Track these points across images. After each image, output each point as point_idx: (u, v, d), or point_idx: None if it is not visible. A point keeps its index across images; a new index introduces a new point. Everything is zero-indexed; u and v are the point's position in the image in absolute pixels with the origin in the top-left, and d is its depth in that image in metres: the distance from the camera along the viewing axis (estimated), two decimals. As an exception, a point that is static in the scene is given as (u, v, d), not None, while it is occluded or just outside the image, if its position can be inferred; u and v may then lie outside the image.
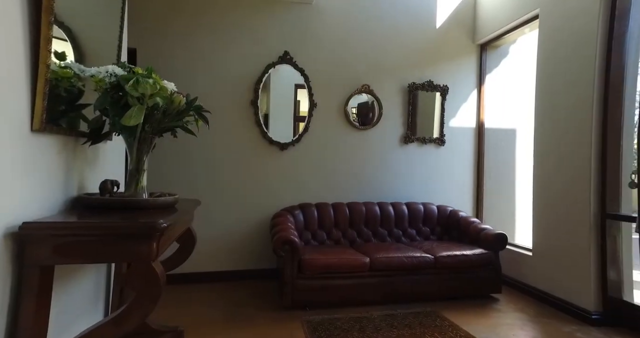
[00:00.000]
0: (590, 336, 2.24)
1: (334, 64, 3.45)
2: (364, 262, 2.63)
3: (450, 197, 3.64)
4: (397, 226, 3.30)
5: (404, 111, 3.57)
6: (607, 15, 2.40)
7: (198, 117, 1.53)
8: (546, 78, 2.84)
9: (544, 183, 2.84)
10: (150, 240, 1.06)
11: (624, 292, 2.38)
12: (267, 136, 3.31)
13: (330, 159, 3.45)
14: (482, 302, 2.78)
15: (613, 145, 2.38)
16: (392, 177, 3.56)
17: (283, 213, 3.04)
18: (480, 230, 2.99)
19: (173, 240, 1.49)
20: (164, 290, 1.08)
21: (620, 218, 2.36)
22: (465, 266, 2.76)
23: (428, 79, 3.57)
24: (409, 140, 3.56)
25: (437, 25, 3.62)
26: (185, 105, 1.47)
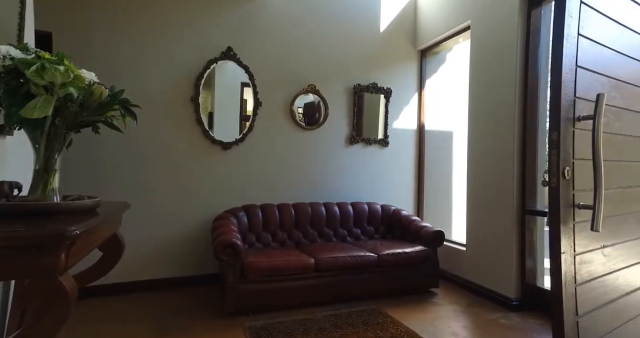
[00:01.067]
0: (511, 321, 2.46)
1: (280, 62, 3.39)
2: (309, 263, 2.62)
3: (393, 197, 3.78)
4: (342, 226, 3.34)
5: (350, 112, 3.63)
6: (524, 29, 2.66)
7: (124, 111, 1.38)
8: (476, 84, 3.07)
9: (476, 183, 3.06)
10: (58, 251, 0.92)
11: (538, 279, 2.66)
12: (209, 135, 3.15)
13: (275, 159, 3.39)
14: (421, 297, 2.92)
15: (531, 147, 2.66)
16: (338, 177, 3.59)
17: (225, 216, 2.91)
18: (421, 228, 3.14)
19: (92, 248, 1.33)
20: (73, 307, 0.94)
21: (536, 214, 2.64)
22: (406, 263, 2.87)
23: (373, 82, 3.67)
24: (354, 140, 3.62)
25: (381, 30, 3.74)
26: (109, 97, 1.32)
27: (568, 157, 1.51)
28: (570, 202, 1.52)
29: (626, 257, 1.85)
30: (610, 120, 1.72)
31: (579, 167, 1.55)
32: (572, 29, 1.50)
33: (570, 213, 1.51)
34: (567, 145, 1.50)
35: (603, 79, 1.68)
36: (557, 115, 1.48)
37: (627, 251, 1.85)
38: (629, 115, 1.84)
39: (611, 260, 1.74)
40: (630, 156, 1.89)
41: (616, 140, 1.79)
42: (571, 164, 1.52)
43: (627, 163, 1.88)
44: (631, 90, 1.85)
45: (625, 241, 1.83)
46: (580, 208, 1.54)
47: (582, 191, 1.56)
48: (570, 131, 1.52)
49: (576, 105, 1.54)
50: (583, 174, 1.56)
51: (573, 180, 1.53)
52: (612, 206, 1.75)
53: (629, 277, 1.86)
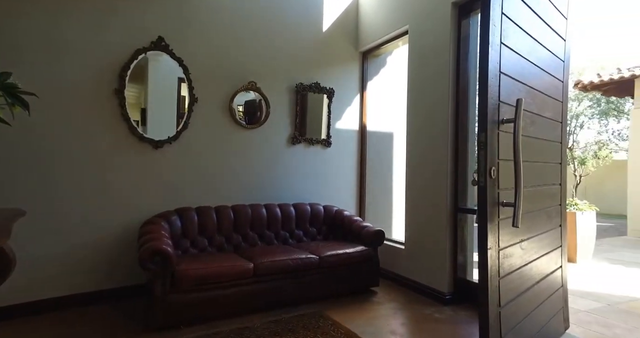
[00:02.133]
0: (444, 314, 2.59)
1: (219, 57, 3.20)
2: (248, 267, 2.48)
3: (336, 197, 3.79)
4: (284, 228, 3.25)
5: (292, 111, 3.56)
6: (455, 37, 2.83)
7: (11, 99, 1.15)
8: (414, 87, 3.19)
9: (414, 182, 3.18)
10: None
11: (468, 273, 2.84)
12: (137, 132, 2.85)
13: (214, 159, 3.19)
14: (362, 297, 2.94)
15: (463, 148, 2.83)
16: (280, 178, 3.50)
17: (155, 220, 2.65)
18: (362, 228, 3.17)
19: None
20: None
21: (467, 211, 2.81)
22: (348, 263, 2.88)
23: (315, 81, 3.64)
24: (297, 140, 3.56)
25: (323, 29, 3.73)
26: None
27: (494, 158, 1.60)
28: (496, 200, 1.62)
29: (538, 249, 2.03)
30: (527, 124, 1.87)
31: (503, 167, 1.65)
32: (495, 37, 1.59)
33: (496, 211, 1.61)
34: (493, 146, 1.59)
35: (520, 86, 1.82)
36: (485, 118, 1.55)
37: (539, 243, 2.03)
38: (539, 121, 2.02)
39: (527, 252, 1.89)
40: (541, 157, 2.08)
41: (530, 143, 1.96)
42: (496, 164, 1.61)
43: (539, 163, 2.06)
44: (541, 98, 2.04)
45: (538, 234, 2.01)
46: (503, 206, 1.65)
47: (505, 190, 1.67)
48: (495, 133, 1.62)
49: (500, 109, 1.64)
50: (505, 174, 1.67)
51: (498, 180, 1.62)
52: (528, 203, 1.90)
53: (540, 267, 2.05)
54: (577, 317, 2.70)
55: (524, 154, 1.88)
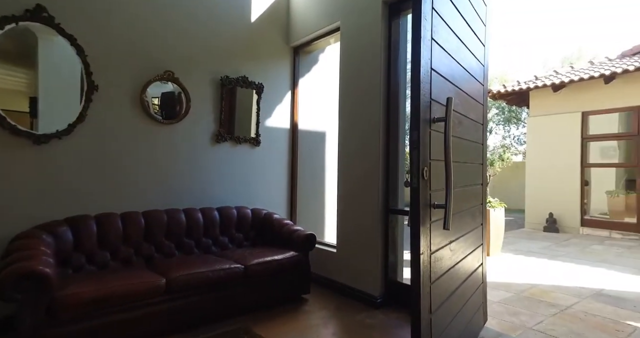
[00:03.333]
0: (375, 319, 2.53)
1: (127, 38, 2.74)
2: (158, 284, 2.12)
3: (266, 200, 3.54)
4: (206, 235, 2.91)
5: (217, 106, 3.22)
6: (386, 36, 2.81)
7: None
8: (346, 85, 3.11)
9: (346, 183, 3.09)
10: None
11: (399, 275, 2.84)
12: (8, 123, 2.27)
13: (120, 158, 2.72)
14: (293, 306, 2.76)
15: (394, 149, 2.82)
16: (203, 179, 3.14)
17: (32, 234, 2.12)
18: (292, 232, 2.99)
19: None
20: None
21: (398, 212, 2.80)
22: (277, 271, 2.66)
23: (243, 74, 3.36)
24: (222, 138, 3.24)
25: (252, 19, 3.47)
26: None
27: (426, 158, 1.53)
28: (428, 202, 1.55)
29: (465, 249, 2.06)
30: (455, 124, 1.87)
31: (434, 168, 1.60)
32: (426, 31, 1.53)
33: (428, 213, 1.54)
34: (425, 146, 1.52)
35: (450, 85, 1.80)
36: (417, 116, 1.47)
37: (465, 243, 2.06)
38: (465, 122, 2.06)
39: (455, 253, 1.89)
40: (467, 158, 2.12)
41: (458, 143, 1.97)
42: (428, 164, 1.55)
43: (465, 164, 2.10)
44: (467, 99, 2.08)
45: (464, 234, 2.04)
46: (435, 207, 1.59)
47: (436, 191, 1.62)
48: (427, 132, 1.55)
49: (431, 107, 1.58)
50: (437, 174, 1.62)
51: (430, 181, 1.56)
52: (456, 204, 1.91)
53: (465, 266, 2.08)
54: (492, 309, 2.87)
55: (454, 155, 1.88)
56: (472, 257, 2.17)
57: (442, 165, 1.57)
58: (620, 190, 7.25)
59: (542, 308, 2.91)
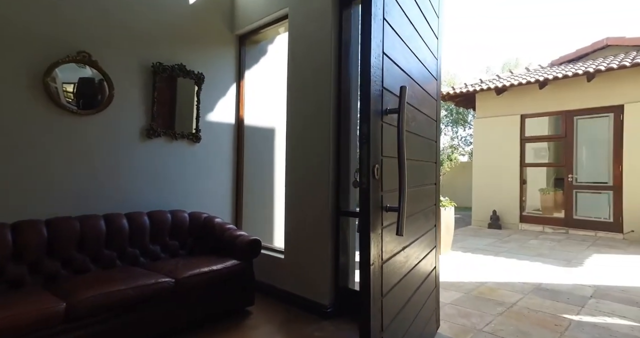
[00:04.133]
0: (325, 332, 2.32)
1: (23, 3, 2.25)
2: (54, 311, 1.71)
3: (207, 202, 3.19)
4: (133, 244, 2.51)
5: (148, 97, 2.82)
6: (337, 26, 2.62)
7: None
8: (294, 78, 2.87)
9: (293, 183, 2.85)
10: None
11: (350, 281, 2.66)
12: None
13: (17, 155, 2.23)
14: (234, 321, 2.46)
15: (345, 146, 2.63)
16: (131, 180, 2.72)
17: None
18: (236, 237, 2.68)
19: None
20: None
21: (349, 215, 2.62)
22: (215, 283, 2.35)
23: (180, 62, 2.98)
24: (154, 133, 2.83)
25: (190, 0, 3.10)
26: None
27: (377, 154, 1.35)
28: (379, 204, 1.37)
29: (419, 253, 1.92)
30: (409, 119, 1.72)
31: (386, 166, 1.42)
32: (378, 9, 1.34)
33: (379, 217, 1.35)
34: (376, 141, 1.33)
35: (403, 75, 1.64)
36: (367, 105, 1.28)
37: (419, 247, 1.93)
38: (419, 117, 1.92)
39: (410, 259, 1.74)
40: (421, 156, 1.99)
41: (412, 140, 1.82)
42: (380, 161, 1.37)
43: (420, 162, 1.96)
44: (421, 93, 1.95)
45: (418, 238, 1.90)
46: (387, 210, 1.42)
47: (389, 192, 1.44)
48: (379, 125, 1.37)
49: (384, 97, 1.40)
50: (389, 173, 1.44)
51: (382, 180, 1.38)
52: (411, 205, 1.76)
53: (419, 272, 1.95)
54: (444, 311, 2.81)
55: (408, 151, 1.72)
56: (426, 261, 2.05)
57: (395, 162, 1.39)
58: (550, 188, 7.84)
59: (490, 307, 2.92)
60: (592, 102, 6.53)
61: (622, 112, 6.23)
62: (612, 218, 6.34)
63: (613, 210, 6.34)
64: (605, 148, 6.52)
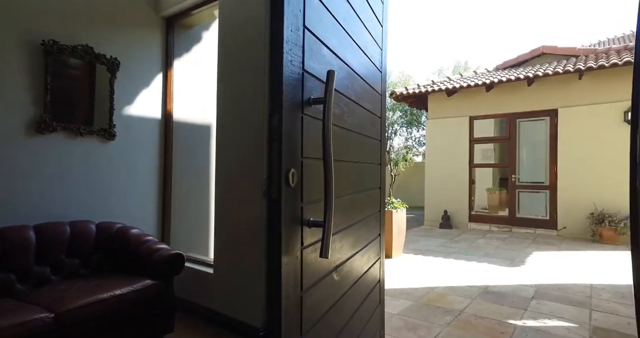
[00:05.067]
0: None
1: None
2: None
3: (124, 211, 2.72)
4: (9, 267, 1.98)
5: (39, 82, 2.29)
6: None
7: None
8: (224, 66, 2.50)
9: (223, 187, 2.48)
10: None
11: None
12: None
13: None
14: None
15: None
16: (11, 187, 2.19)
17: None
18: (153, 251, 2.26)
19: None
20: None
21: (287, 222, 2.32)
22: (119, 312, 1.92)
23: (84, 43, 2.48)
24: (49, 128, 2.31)
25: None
26: None
27: (295, 155, 1.06)
28: (298, 218, 1.08)
29: (358, 268, 1.67)
30: (345, 113, 1.45)
31: (310, 169, 1.14)
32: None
33: (297, 235, 1.06)
34: (293, 137, 1.04)
35: (336, 59, 1.37)
36: (280, 91, 0.98)
37: (360, 261, 1.68)
38: (359, 112, 1.67)
39: (345, 278, 1.47)
40: (362, 157, 1.74)
41: (349, 138, 1.56)
42: (299, 164, 1.08)
43: (360, 164, 1.71)
44: (361, 84, 1.70)
45: (358, 251, 1.65)
46: (310, 226, 1.13)
47: (313, 203, 1.16)
48: (297, 117, 1.08)
49: (305, 83, 1.11)
50: (314, 179, 1.16)
51: (302, 188, 1.09)
52: (347, 215, 1.50)
53: (358, 290, 1.70)
54: (391, 324, 2.62)
55: (343, 152, 1.45)
56: (369, 275, 1.81)
57: (321, 165, 1.11)
58: (496, 187, 8.17)
59: (439, 317, 2.77)
60: (532, 106, 6.85)
61: (557, 116, 6.59)
62: (549, 216, 6.69)
63: (549, 209, 6.69)
64: (543, 149, 6.86)
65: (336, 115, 1.36)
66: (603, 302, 3.14)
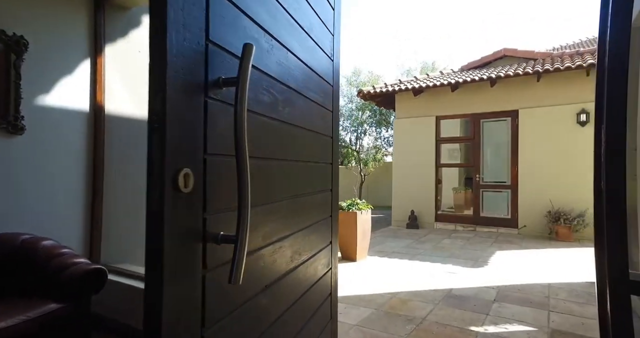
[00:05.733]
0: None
1: None
2: None
3: (37, 219, 2.32)
4: None
5: None
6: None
7: None
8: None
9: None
10: None
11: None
12: None
13: None
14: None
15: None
16: None
17: None
18: (67, 266, 1.91)
19: None
20: None
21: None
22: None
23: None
24: None
25: None
26: None
27: (193, 150, 0.80)
28: (198, 233, 0.82)
29: (305, 281, 1.44)
30: (278, 101, 1.21)
31: (219, 169, 0.88)
32: None
33: (197, 256, 0.81)
34: (190, 127, 0.78)
35: (265, 36, 1.12)
36: (162, 62, 0.72)
37: (304, 273, 1.44)
38: (301, 103, 1.43)
39: (277, 301, 1.22)
40: (307, 155, 1.51)
41: (289, 132, 1.32)
42: (200, 162, 0.82)
43: (303, 164, 1.48)
44: (305, 71, 1.46)
45: (301, 264, 1.41)
46: (220, 242, 0.87)
47: (224, 212, 0.91)
48: (199, 100, 0.82)
49: (213, 58, 0.86)
50: (226, 182, 0.91)
51: (205, 194, 0.83)
52: (284, 224, 1.25)
53: (306, 305, 1.47)
54: (349, 337, 2.42)
55: (277, 148, 1.21)
56: (316, 289, 1.58)
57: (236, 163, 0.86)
58: (461, 187, 8.26)
59: (400, 327, 2.60)
60: (495, 107, 6.96)
61: (517, 117, 6.73)
62: (510, 215, 6.82)
63: (510, 208, 6.83)
64: (505, 150, 6.99)
65: (265, 104, 1.12)
66: (560, 302, 3.12)
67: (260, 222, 1.10)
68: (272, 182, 1.20)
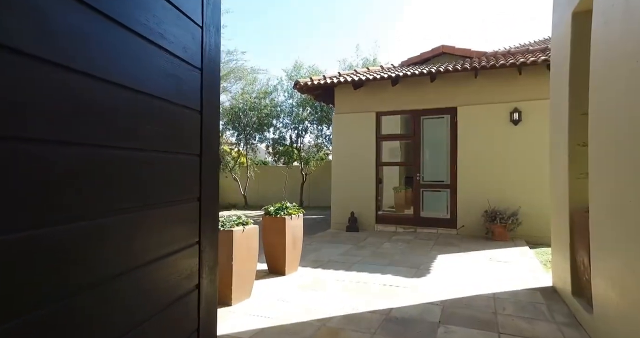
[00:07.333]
0: None
1: None
2: None
3: None
4: None
5: None
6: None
7: None
8: None
9: None
10: None
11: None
12: None
13: None
14: None
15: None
16: None
17: None
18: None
19: None
20: None
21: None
22: None
23: None
24: None
25: None
26: None
27: None
28: None
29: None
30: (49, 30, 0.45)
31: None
32: None
33: None
34: None
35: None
36: None
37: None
38: (124, 42, 0.69)
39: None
40: (133, 137, 0.76)
41: (84, 92, 0.57)
42: None
43: (121, 152, 0.72)
44: None
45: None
46: None
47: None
48: None
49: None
50: None
51: None
52: (64, 271, 0.49)
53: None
54: None
55: (67, 124, 0.44)
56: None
57: None
58: (402, 186, 8.02)
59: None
60: (434, 103, 6.76)
61: (456, 114, 6.61)
62: (450, 215, 6.67)
63: (450, 208, 6.68)
64: (445, 148, 6.84)
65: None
66: (508, 319, 2.76)
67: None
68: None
